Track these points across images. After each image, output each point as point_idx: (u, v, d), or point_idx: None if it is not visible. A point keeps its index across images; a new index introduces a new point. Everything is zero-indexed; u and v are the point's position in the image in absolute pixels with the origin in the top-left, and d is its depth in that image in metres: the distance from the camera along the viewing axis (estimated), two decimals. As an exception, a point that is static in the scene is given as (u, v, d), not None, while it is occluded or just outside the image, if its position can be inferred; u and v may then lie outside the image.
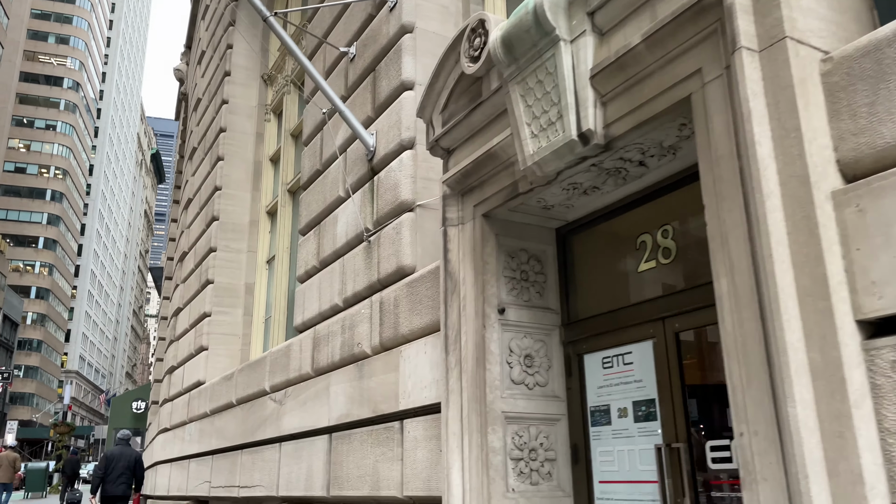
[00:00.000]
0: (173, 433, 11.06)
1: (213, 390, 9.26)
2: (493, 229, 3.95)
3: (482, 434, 3.64)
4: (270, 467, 6.77)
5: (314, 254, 6.75)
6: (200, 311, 10.73)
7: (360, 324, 5.51)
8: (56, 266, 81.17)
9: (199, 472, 9.19)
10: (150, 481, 12.56)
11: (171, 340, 12.64)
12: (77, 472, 20.97)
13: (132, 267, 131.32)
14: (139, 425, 19.60)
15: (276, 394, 6.92)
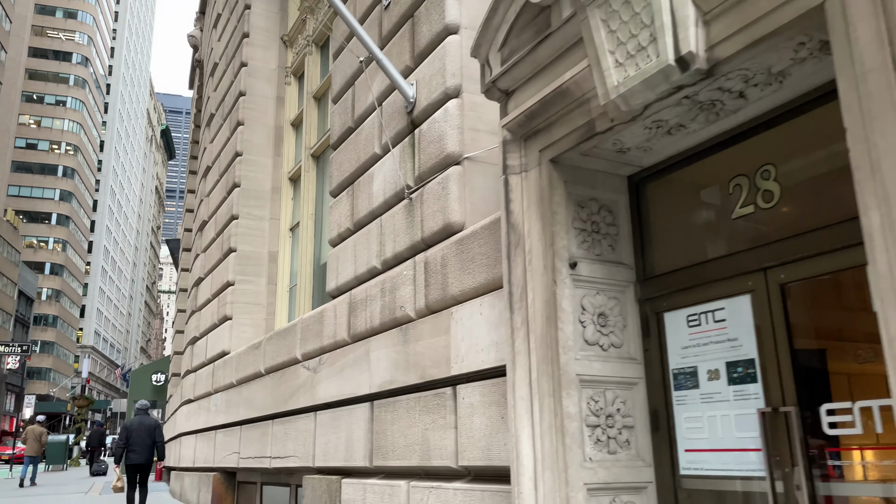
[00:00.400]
0: (197, 404, 10.88)
1: (240, 360, 9.02)
2: (561, 176, 3.60)
3: (555, 399, 3.33)
4: (305, 437, 6.52)
5: (347, 215, 6.42)
6: (223, 280, 10.47)
7: (403, 286, 5.19)
8: (69, 242, 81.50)
9: (227, 443, 9.00)
10: (175, 453, 12.43)
11: (192, 311, 12.42)
12: (103, 443, 21.20)
13: (144, 243, 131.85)
14: (159, 398, 19.55)
15: (310, 361, 6.65)
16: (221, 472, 9.45)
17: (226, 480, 9.41)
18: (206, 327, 11.10)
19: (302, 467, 6.58)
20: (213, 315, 10.74)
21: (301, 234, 9.61)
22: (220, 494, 9.29)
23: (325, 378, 6.25)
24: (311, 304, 9.21)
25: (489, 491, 3.87)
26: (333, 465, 5.88)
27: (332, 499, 5.74)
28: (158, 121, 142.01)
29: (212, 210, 11.89)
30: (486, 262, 4.22)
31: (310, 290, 9.28)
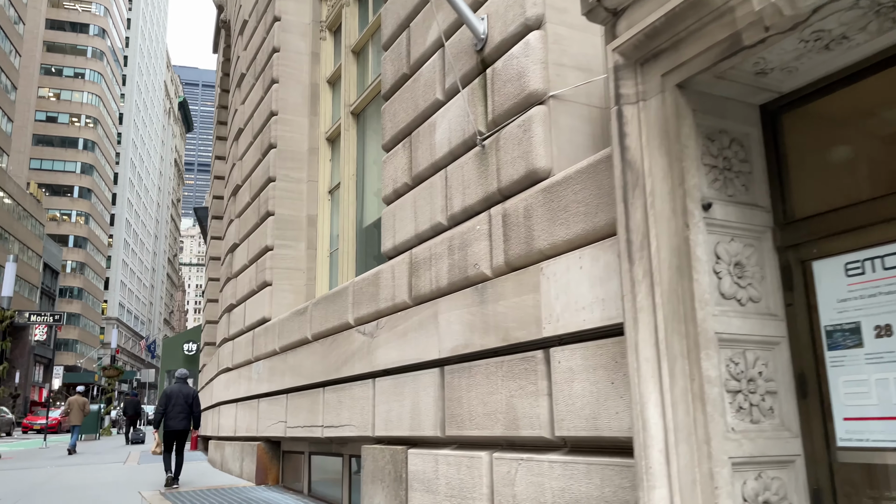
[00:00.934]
0: (237, 373, 10.61)
1: (283, 326, 8.68)
2: (689, 104, 3.10)
3: (691, 361, 2.88)
4: (362, 405, 6.16)
5: (405, 169, 5.96)
6: (261, 245, 10.11)
7: (475, 242, 4.75)
8: (92, 215, 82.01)
9: (272, 412, 8.71)
10: (213, 422, 12.24)
11: (227, 278, 12.11)
12: (139, 412, 21.37)
13: (165, 216, 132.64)
14: (191, 367, 19.44)
15: (366, 326, 6.26)
16: (265, 441, 9.18)
17: (270, 450, 9.15)
18: (244, 294, 10.78)
19: (359, 437, 6.23)
20: (251, 281, 10.40)
21: (342, 195, 9.19)
22: (265, 464, 9.03)
23: (384, 343, 5.86)
24: (355, 268, 8.83)
25: (597, 464, 3.45)
26: (397, 435, 5.52)
27: (398, 470, 5.38)
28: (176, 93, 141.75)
29: (245, 173, 11.49)
30: (584, 211, 3.76)
31: (352, 254, 8.89)
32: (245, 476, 9.51)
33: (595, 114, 4.47)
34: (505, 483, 4.13)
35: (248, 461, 9.44)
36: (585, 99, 4.45)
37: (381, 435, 5.79)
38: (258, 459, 9.04)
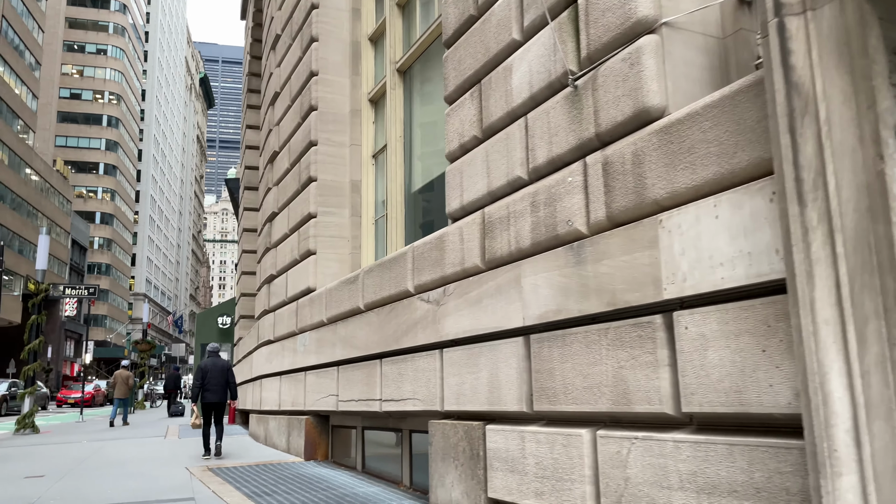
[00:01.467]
0: (280, 345, 10.25)
1: (331, 296, 8.27)
2: (874, 10, 2.54)
3: (888, 322, 2.37)
4: (428, 377, 5.73)
5: (473, 121, 5.44)
6: (303, 212, 9.68)
7: (567, 196, 4.23)
8: (117, 191, 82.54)
9: (320, 385, 8.34)
10: (254, 395, 11.96)
11: (266, 248, 11.73)
12: (179, 386, 21.45)
13: (189, 192, 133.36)
14: (225, 340, 19.26)
15: (430, 293, 5.80)
16: (313, 415, 8.84)
17: (318, 424, 8.81)
18: (286, 264, 10.39)
19: (424, 411, 5.81)
20: (293, 250, 10.00)
21: (388, 159, 8.69)
22: (314, 439, 8.70)
23: (453, 311, 5.39)
24: (404, 235, 8.37)
25: (743, 445, 2.96)
26: (471, 410, 5.08)
27: (474, 447, 4.95)
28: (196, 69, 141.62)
29: (283, 139, 11.04)
30: (716, 151, 3.22)
31: (401, 220, 8.43)
32: (292, 451, 9.20)
33: (712, 44, 3.91)
34: (614, 464, 3.66)
35: (296, 436, 9.11)
36: (701, 27, 3.88)
37: (452, 409, 5.35)
38: (306, 434, 8.70)
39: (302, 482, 6.94)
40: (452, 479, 5.22)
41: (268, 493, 6.28)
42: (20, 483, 7.37)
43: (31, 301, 15.31)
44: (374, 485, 6.70)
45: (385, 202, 9.06)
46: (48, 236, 15.41)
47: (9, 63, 53.56)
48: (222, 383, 9.97)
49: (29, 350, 15.30)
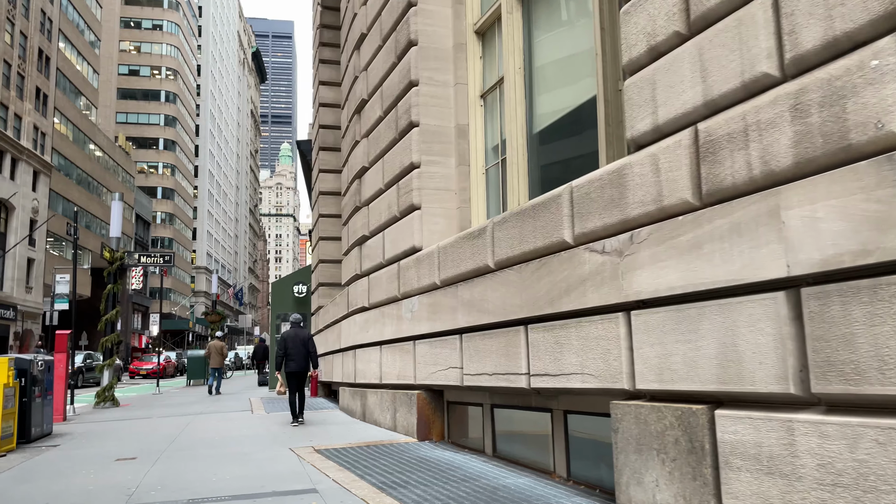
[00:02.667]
0: (378, 312, 9.25)
1: (446, 255, 7.16)
2: None
3: None
4: (605, 347, 4.56)
5: (672, 13, 4.16)
6: (402, 163, 8.58)
7: (869, 88, 2.95)
8: (177, 166, 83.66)
9: (436, 356, 7.28)
10: (346, 367, 11.05)
11: (355, 207, 10.70)
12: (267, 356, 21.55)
13: (244, 167, 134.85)
14: (301, 310, 18.54)
15: (605, 242, 4.60)
16: (426, 390, 7.81)
17: (432, 400, 7.78)
18: (381, 223, 9.33)
19: (599, 389, 4.66)
20: (391, 207, 8.93)
21: (506, 95, 7.48)
22: (427, 417, 7.69)
23: (648, 262, 4.19)
24: (528, 182, 7.17)
25: None
26: (685, 390, 3.89)
27: (694, 438, 3.77)
28: (249, 43, 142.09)
29: (373, 84, 9.91)
30: None
31: (523, 165, 7.22)
32: (400, 429, 8.22)
33: None
34: None
35: (404, 412, 8.12)
36: None
37: (648, 388, 4.18)
38: (419, 411, 7.69)
39: (431, 469, 5.92)
40: (656, 477, 4.07)
41: (401, 485, 5.26)
42: (112, 467, 6.57)
43: (107, 270, 14.77)
44: (520, 474, 5.63)
45: (498, 148, 7.87)
46: (121, 202, 14.81)
47: (70, 40, 54.06)
48: (304, 353, 10.18)
49: (106, 321, 14.81)
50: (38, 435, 8.92)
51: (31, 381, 8.65)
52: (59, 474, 6.25)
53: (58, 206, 50.88)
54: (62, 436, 9.35)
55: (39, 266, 46.92)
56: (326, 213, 15.55)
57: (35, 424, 8.77)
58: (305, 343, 10.21)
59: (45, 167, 47.48)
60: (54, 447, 8.23)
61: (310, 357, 10.21)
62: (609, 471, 4.91)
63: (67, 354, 11.65)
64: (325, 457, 6.70)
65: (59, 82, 51.20)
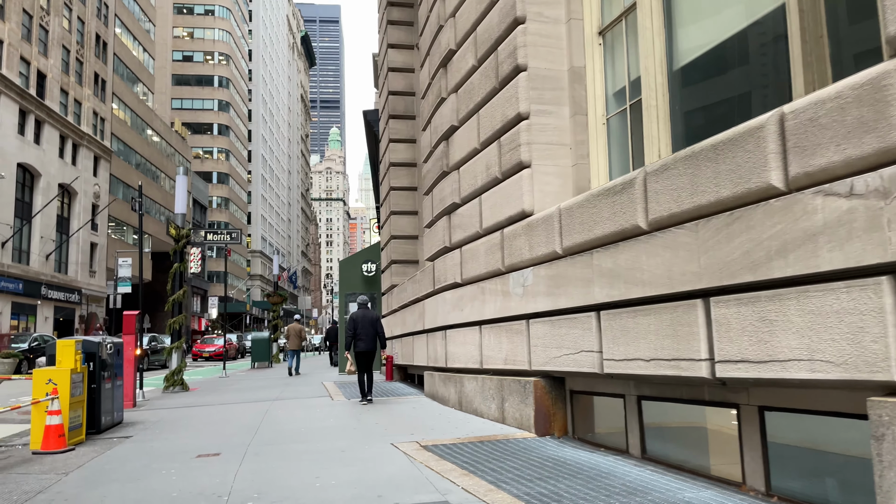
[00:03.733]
0: (477, 288, 8.17)
1: (571, 218, 6.00)
2: None
3: None
4: (854, 324, 3.36)
5: None
6: (505, 115, 7.43)
7: None
8: (231, 151, 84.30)
9: (560, 338, 6.16)
10: (433, 350, 10.03)
11: (442, 173, 9.60)
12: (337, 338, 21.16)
13: (296, 151, 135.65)
14: (371, 289, 17.66)
15: (852, 182, 3.38)
16: (543, 377, 6.70)
17: (552, 389, 6.67)
18: (477, 187, 8.22)
19: (836, 380, 3.46)
20: (490, 168, 7.80)
21: (640, 24, 6.24)
22: (547, 409, 6.58)
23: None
24: (670, 129, 5.94)
25: None
26: None
27: None
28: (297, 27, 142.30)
29: (464, 30, 8.75)
30: None
31: (664, 108, 5.99)
32: (511, 422, 7.14)
33: None
34: None
35: (516, 403, 7.03)
36: None
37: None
38: (537, 402, 6.59)
39: (574, 475, 4.82)
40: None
41: (552, 499, 4.17)
42: (194, 466, 5.69)
43: (173, 248, 14.09)
44: (693, 484, 4.48)
45: (625, 92, 6.64)
46: (186, 176, 14.08)
47: (126, 25, 54.41)
48: (372, 334, 10.35)
49: (173, 301, 14.17)
50: (109, 424, 8.19)
51: (99, 365, 7.89)
52: (135, 476, 5.39)
53: (118, 190, 51.51)
54: (133, 425, 8.61)
55: (102, 250, 47.61)
56: (399, 186, 14.53)
57: (105, 412, 8.03)
58: (374, 324, 10.39)
59: (105, 152, 47.98)
60: (126, 439, 7.45)
61: (378, 337, 10.41)
62: (842, 488, 3.72)
63: (136, 336, 10.98)
64: (437, 455, 5.67)
65: (116, 68, 51.61)
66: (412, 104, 14.79)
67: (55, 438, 6.59)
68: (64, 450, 6.62)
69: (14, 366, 19.48)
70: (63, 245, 42.02)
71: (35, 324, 39.13)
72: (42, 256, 39.31)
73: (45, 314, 40.16)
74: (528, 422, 6.72)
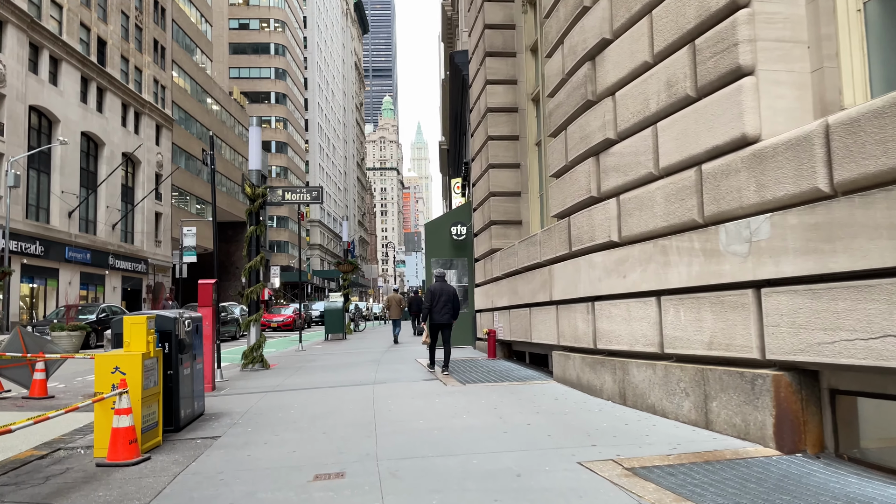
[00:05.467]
0: (653, 246, 6.23)
1: (857, 135, 3.99)
2: None
3: None
4: None
5: None
6: (709, 5, 5.40)
7: None
8: (289, 120, 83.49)
9: (835, 316, 4.18)
10: (576, 326, 8.11)
11: (586, 102, 7.60)
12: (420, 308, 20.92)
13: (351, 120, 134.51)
14: (460, 254, 15.88)
15: None
16: (786, 369, 4.76)
17: (801, 388, 4.72)
18: (649, 114, 6.23)
19: None
20: (676, 83, 5.79)
21: None
22: (794, 415, 4.65)
23: None
24: None
25: None
26: None
27: None
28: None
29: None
30: None
31: None
32: (722, 428, 5.23)
33: None
34: None
35: (734, 404, 5.11)
36: None
37: None
38: (779, 404, 4.66)
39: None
40: None
41: None
42: (318, 499, 3.99)
43: (248, 208, 12.55)
44: None
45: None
46: (259, 128, 12.49)
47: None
48: (449, 306, 10.55)
49: (250, 269, 12.71)
50: (189, 417, 6.65)
51: (177, 346, 6.33)
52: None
53: (180, 160, 51.06)
54: (218, 418, 7.07)
55: (166, 220, 47.32)
56: (498, 135, 12.59)
57: (184, 404, 6.49)
58: (452, 297, 10.63)
59: (166, 121, 47.38)
60: (214, 441, 5.88)
61: (454, 309, 10.64)
62: None
63: (214, 309, 9.47)
64: (664, 489, 3.83)
65: (175, 34, 50.77)
66: (511, 39, 12.76)
67: (125, 446, 5.03)
68: (137, 460, 5.06)
69: (82, 339, 18.57)
70: (128, 215, 41.72)
71: (104, 294, 39.05)
72: (108, 226, 39.03)
73: (113, 284, 40.05)
74: (761, 432, 4.80)
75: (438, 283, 10.66)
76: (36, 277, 32.80)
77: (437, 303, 10.47)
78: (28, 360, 9.10)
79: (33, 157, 32.49)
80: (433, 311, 10.50)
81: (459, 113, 18.20)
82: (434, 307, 10.50)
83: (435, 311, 10.49)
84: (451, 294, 10.55)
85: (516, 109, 12.60)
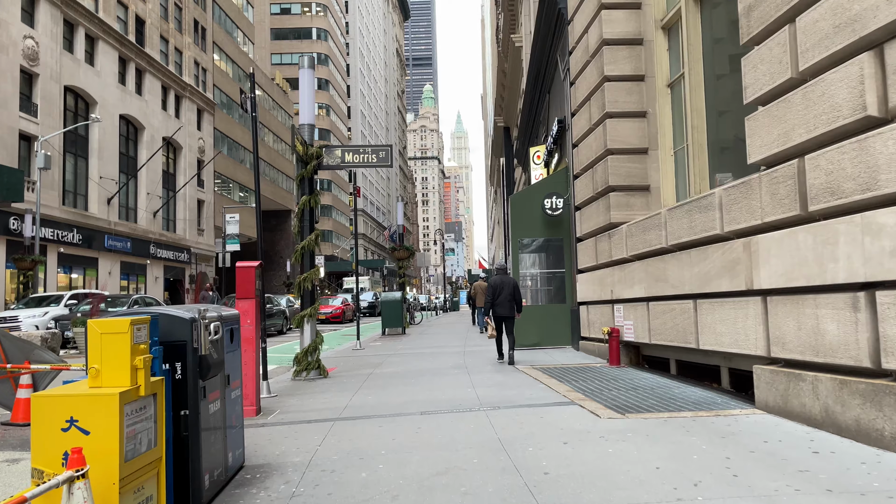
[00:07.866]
0: (847, 223, 3.32)
1: None
2: None
3: None
4: None
5: None
6: None
7: None
8: (331, 106, 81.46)
9: None
10: (837, 331, 5.20)
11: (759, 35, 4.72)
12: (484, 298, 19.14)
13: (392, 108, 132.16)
14: (553, 233, 13.09)
15: None
16: None
17: None
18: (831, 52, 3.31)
19: None
20: None
21: None
22: None
23: None
24: None
25: None
26: None
27: None
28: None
29: None
30: None
31: None
32: None
33: None
34: None
35: None
36: None
37: None
38: None
39: None
40: None
41: None
42: None
43: (300, 174, 9.88)
44: None
45: None
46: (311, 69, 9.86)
47: (224, -30, 51.46)
48: (510, 299, 10.83)
49: (302, 249, 10.14)
50: (218, 484, 4.05)
51: (194, 367, 3.73)
52: None
53: (222, 145, 49.25)
54: (264, 479, 4.44)
55: (209, 207, 45.55)
56: (618, 75, 9.72)
57: (209, 463, 3.89)
58: (512, 290, 10.84)
59: (208, 105, 45.52)
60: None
61: (515, 303, 10.86)
62: None
63: (258, 301, 6.81)
64: None
65: (215, 14, 48.85)
66: (632, -47, 9.84)
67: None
68: None
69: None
70: (170, 202, 39.95)
71: (145, 284, 37.36)
72: (149, 214, 37.27)
73: (155, 274, 38.35)
74: None
75: (499, 276, 10.92)
76: (74, 267, 31.12)
77: (499, 295, 10.78)
78: (9, 373, 6.66)
79: (70, 142, 30.73)
80: (495, 304, 10.82)
81: (546, 64, 15.32)
82: (496, 300, 10.81)
83: (496, 305, 10.80)
84: (511, 287, 10.84)
85: (641, 41, 9.71)
